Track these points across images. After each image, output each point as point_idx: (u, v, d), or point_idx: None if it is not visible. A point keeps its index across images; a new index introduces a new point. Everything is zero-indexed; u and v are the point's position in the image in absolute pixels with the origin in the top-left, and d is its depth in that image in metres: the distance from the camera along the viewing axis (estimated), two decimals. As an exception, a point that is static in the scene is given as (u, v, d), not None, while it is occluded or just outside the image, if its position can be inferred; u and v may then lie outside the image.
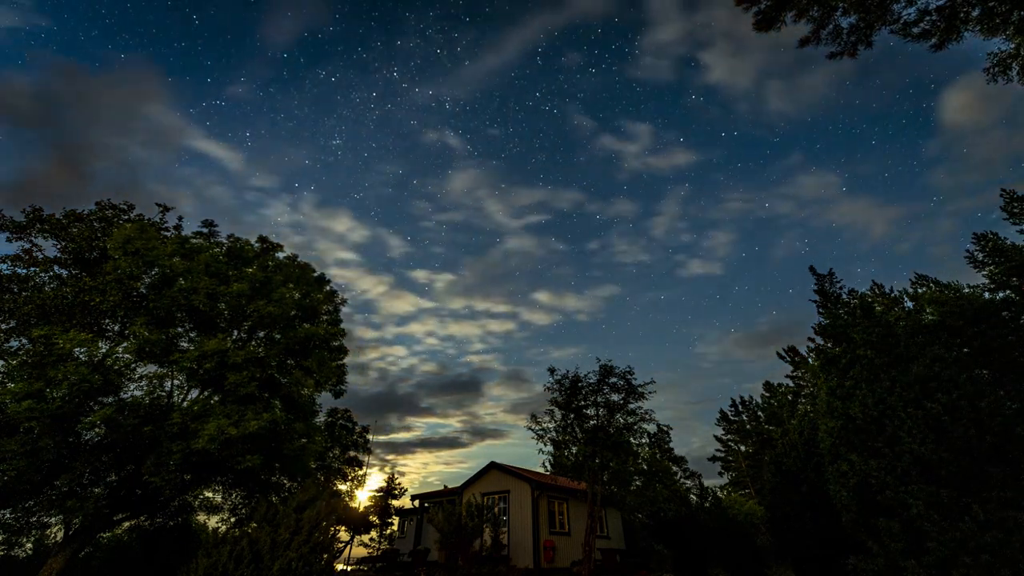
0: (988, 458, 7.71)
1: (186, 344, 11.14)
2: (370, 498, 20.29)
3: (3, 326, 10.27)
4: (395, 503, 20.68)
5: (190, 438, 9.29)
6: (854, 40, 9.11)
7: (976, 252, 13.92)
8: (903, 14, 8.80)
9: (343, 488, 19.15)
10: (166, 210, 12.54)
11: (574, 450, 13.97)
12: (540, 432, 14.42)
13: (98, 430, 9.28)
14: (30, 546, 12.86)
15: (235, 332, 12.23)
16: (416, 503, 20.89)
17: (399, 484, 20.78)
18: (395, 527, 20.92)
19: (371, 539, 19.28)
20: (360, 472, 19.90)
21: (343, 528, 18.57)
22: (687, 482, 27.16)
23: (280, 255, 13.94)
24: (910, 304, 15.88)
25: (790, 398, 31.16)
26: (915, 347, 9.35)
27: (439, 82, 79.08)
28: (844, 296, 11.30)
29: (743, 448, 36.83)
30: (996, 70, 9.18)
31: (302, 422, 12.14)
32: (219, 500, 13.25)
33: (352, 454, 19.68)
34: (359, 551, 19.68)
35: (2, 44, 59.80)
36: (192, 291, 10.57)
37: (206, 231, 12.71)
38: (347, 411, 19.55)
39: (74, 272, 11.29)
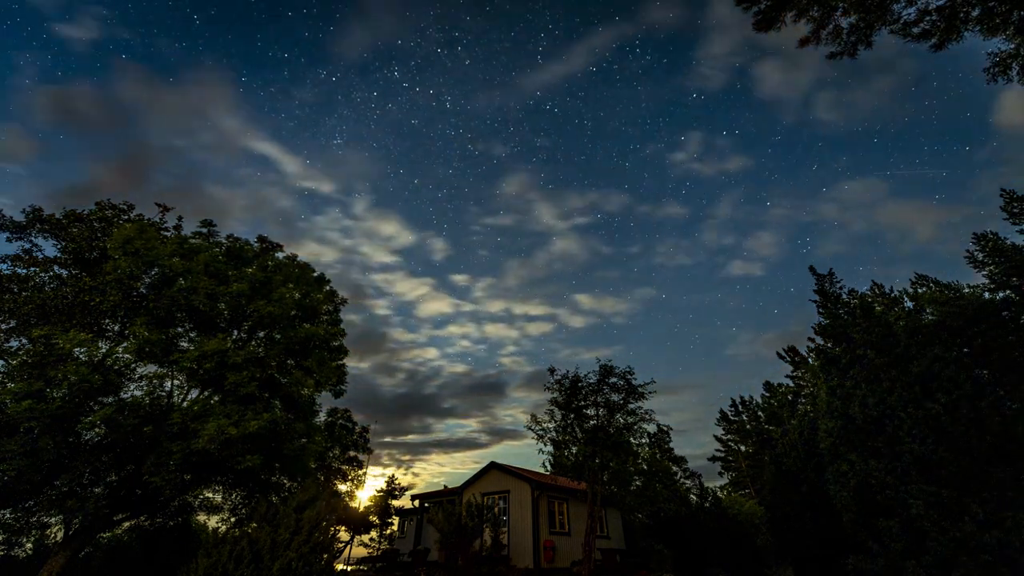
0: (988, 458, 7.71)
1: (186, 344, 11.14)
2: (371, 498, 20.30)
3: (3, 326, 10.27)
4: (395, 503, 20.68)
5: (190, 438, 9.29)
6: (854, 40, 9.11)
7: (976, 252, 13.91)
8: (903, 14, 8.81)
9: (343, 488, 19.15)
10: (166, 210, 12.54)
11: (574, 450, 13.97)
12: (540, 432, 14.43)
13: (98, 430, 9.28)
14: (30, 546, 12.85)
15: (235, 332, 12.23)
16: (416, 503, 20.89)
17: (399, 484, 20.78)
18: (395, 527, 20.92)
19: (371, 539, 19.27)
20: (360, 472, 19.91)
21: (343, 528, 18.57)
22: (687, 482, 27.16)
23: (280, 255, 13.94)
24: (910, 304, 15.89)
25: (790, 398, 31.17)
26: (915, 347, 9.35)
27: (497, 89, 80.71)
28: (844, 296, 11.31)
29: (743, 448, 36.84)
30: (996, 70, 9.18)
31: (302, 422, 12.14)
32: (219, 500, 13.25)
33: (352, 454, 19.68)
34: (359, 551, 19.70)
35: (81, 54, 62.10)
36: (192, 291, 10.57)
37: (205, 231, 12.71)
38: (347, 411, 19.54)
39: (74, 272, 11.29)
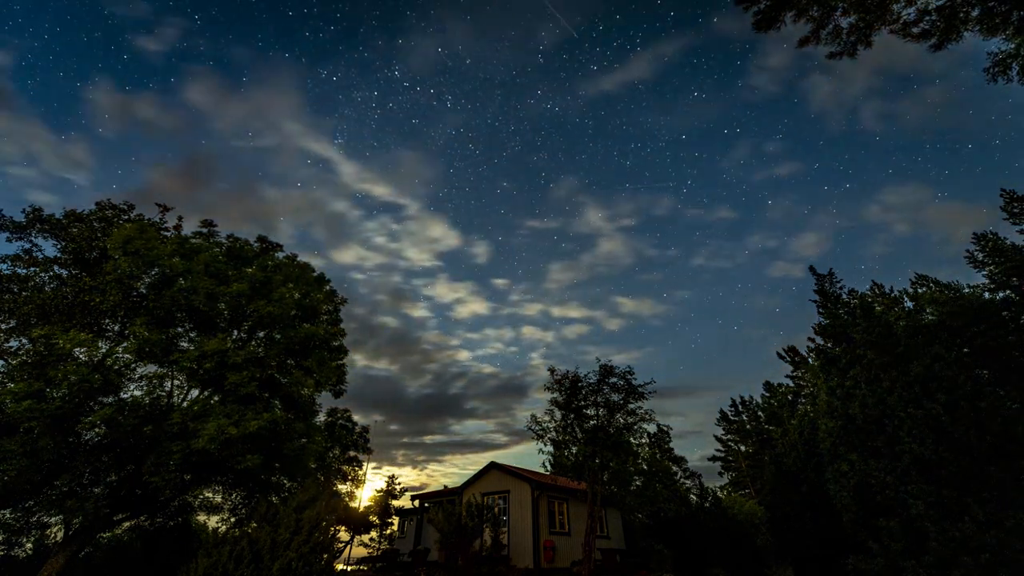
0: (988, 458, 7.71)
1: (186, 344, 11.14)
2: (371, 498, 20.31)
3: (3, 326, 10.28)
4: (395, 503, 20.68)
5: (190, 438, 9.29)
6: (854, 40, 9.11)
7: (976, 252, 13.90)
8: (903, 14, 8.81)
9: (343, 488, 19.15)
10: (166, 210, 12.55)
11: (574, 450, 13.97)
12: (540, 432, 14.43)
13: (98, 430, 9.29)
14: (30, 546, 12.85)
15: (235, 332, 12.24)
16: (416, 503, 20.89)
17: (399, 485, 20.77)
18: (395, 527, 20.91)
19: (371, 539, 19.26)
20: (360, 472, 19.91)
21: (343, 528, 18.56)
22: (687, 482, 27.15)
23: (280, 255, 13.94)
24: (910, 304, 15.88)
25: (790, 398, 31.17)
26: (915, 347, 9.35)
27: (556, 93, 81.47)
28: (844, 296, 11.31)
29: (743, 448, 36.83)
30: (996, 70, 9.18)
31: (302, 422, 12.14)
32: (219, 500, 13.26)
33: (352, 454, 19.68)
34: (359, 551, 19.69)
35: (153, 64, 64.03)
36: (192, 291, 10.57)
37: (205, 231, 12.71)
38: (347, 411, 19.53)
39: (74, 272, 11.30)
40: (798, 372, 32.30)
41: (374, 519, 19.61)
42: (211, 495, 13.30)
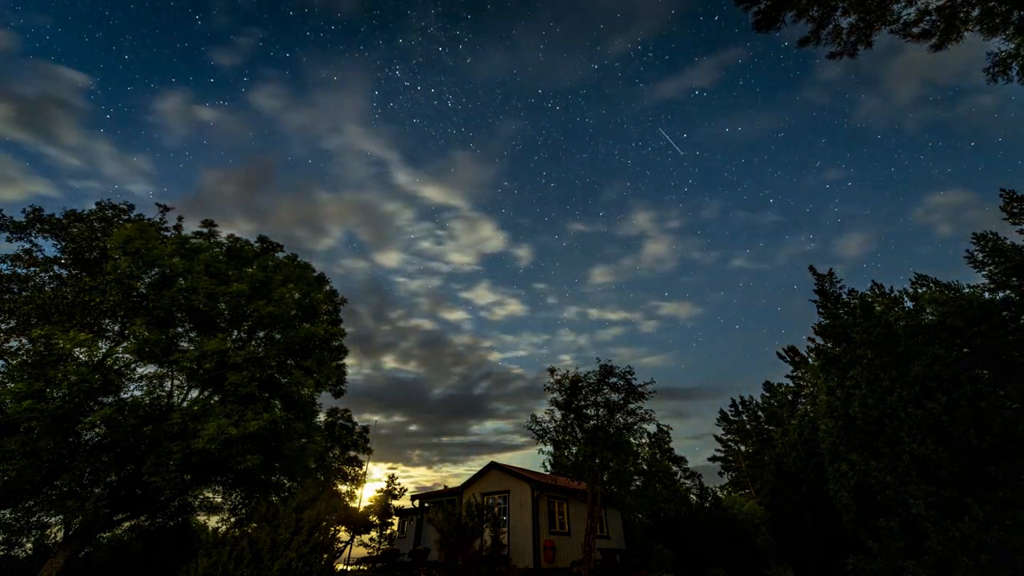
0: (988, 458, 7.71)
1: (186, 344, 11.14)
2: (371, 498, 20.31)
3: (3, 326, 10.28)
4: (395, 503, 20.67)
5: (190, 438, 9.29)
6: (854, 40, 9.12)
7: (976, 252, 13.91)
8: (903, 14, 8.82)
9: (343, 488, 19.15)
10: (166, 210, 12.55)
11: (574, 450, 13.97)
12: (540, 432, 14.43)
13: (98, 430, 9.28)
14: (30, 546, 12.85)
15: (235, 332, 12.23)
16: (416, 503, 20.89)
17: (399, 487, 20.76)
18: (395, 527, 20.91)
19: (371, 539, 19.25)
20: (360, 472, 19.90)
21: (343, 528, 18.56)
22: (687, 482, 27.15)
23: (280, 255, 13.94)
24: (910, 304, 15.88)
25: (790, 398, 31.16)
26: (915, 347, 9.35)
27: (612, 99, 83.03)
28: (844, 296, 11.31)
29: (743, 448, 36.83)
30: (996, 70, 9.18)
31: (302, 422, 12.14)
32: (219, 500, 13.25)
33: (352, 454, 19.67)
34: (359, 551, 19.68)
35: (222, 75, 67.27)
36: (192, 291, 10.57)
37: (206, 231, 12.71)
38: (347, 411, 19.53)
39: (74, 272, 11.30)
40: (798, 372, 32.30)
41: (374, 519, 19.61)
42: (211, 495, 13.29)
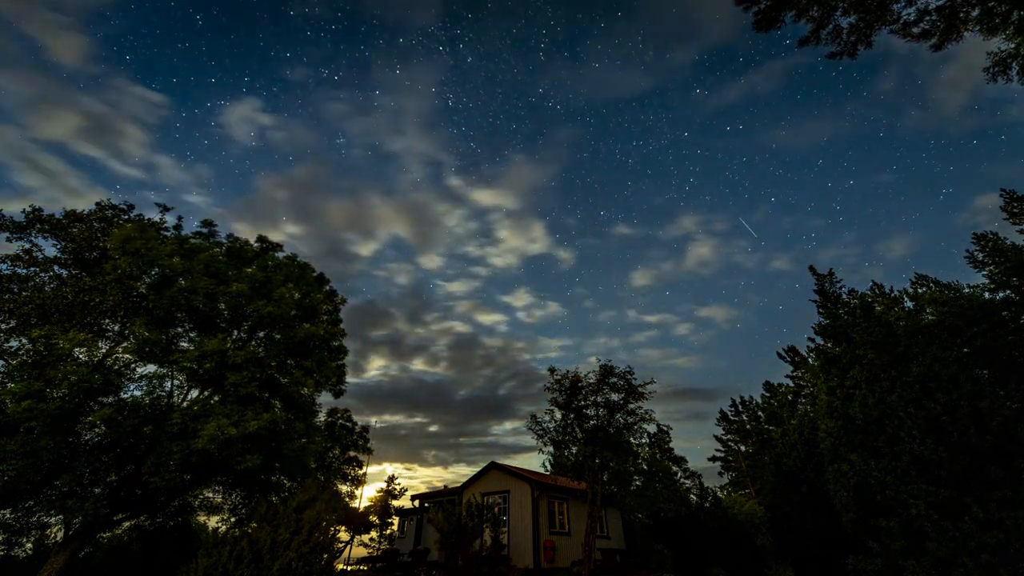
0: (988, 458, 7.71)
1: (186, 344, 11.14)
2: (371, 498, 20.32)
3: (3, 326, 10.28)
4: (395, 503, 20.68)
5: (190, 438, 9.29)
6: (854, 40, 9.11)
7: (976, 252, 13.90)
8: (903, 14, 8.81)
9: (343, 488, 19.14)
10: (166, 210, 12.55)
11: (574, 450, 13.97)
12: (540, 432, 14.43)
13: (98, 430, 9.28)
14: (30, 546, 12.86)
15: (235, 332, 12.23)
16: (416, 503, 20.89)
17: (400, 484, 20.77)
18: (395, 527, 20.91)
19: (371, 539, 19.25)
20: (360, 472, 19.90)
21: (343, 528, 18.56)
22: (687, 482, 27.16)
23: (280, 255, 13.94)
24: (910, 304, 15.87)
25: (790, 398, 31.16)
26: (915, 347, 9.35)
27: (667, 108, 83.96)
28: (844, 296, 11.31)
29: (743, 448, 36.83)
30: (996, 70, 9.18)
31: (302, 422, 12.14)
32: (219, 500, 13.24)
33: (352, 454, 19.67)
34: (359, 551, 19.68)
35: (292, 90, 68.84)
36: (192, 291, 10.56)
37: (206, 231, 12.72)
38: (347, 411, 19.51)
39: (74, 272, 11.29)
40: (798, 372, 32.30)
41: (374, 519, 19.61)
42: (211, 495, 13.29)
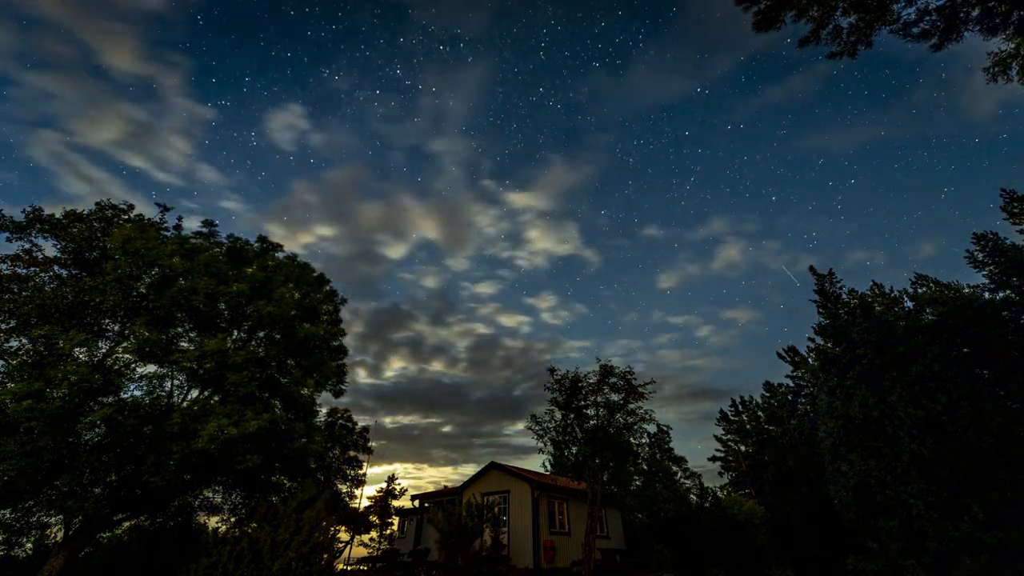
0: (988, 458, 7.71)
1: (186, 344, 11.13)
2: (370, 498, 20.32)
3: (3, 326, 10.27)
4: (395, 503, 20.68)
5: (190, 438, 9.28)
6: (854, 40, 9.12)
7: (976, 252, 13.90)
8: (903, 14, 8.82)
9: (343, 488, 19.13)
10: (166, 210, 12.55)
11: (574, 450, 13.97)
12: (540, 432, 14.43)
13: (98, 430, 9.28)
14: (30, 546, 12.83)
15: (235, 332, 12.23)
16: (416, 503, 20.89)
17: (400, 484, 20.78)
18: (395, 527, 20.91)
19: (371, 539, 19.26)
20: (360, 472, 19.90)
21: (343, 528, 18.56)
22: (687, 482, 27.16)
23: (280, 255, 13.93)
24: (910, 304, 15.88)
25: (790, 398, 31.15)
26: (915, 347, 9.36)
27: (713, 112, 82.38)
28: (844, 296, 11.31)
29: (743, 448, 36.82)
30: (996, 70, 9.18)
31: (302, 422, 12.13)
32: (219, 500, 13.23)
33: (352, 454, 19.67)
34: (359, 551, 19.69)
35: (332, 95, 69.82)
36: (192, 291, 10.56)
37: (206, 231, 12.71)
38: (347, 411, 19.50)
39: (74, 272, 11.29)
40: (798, 372, 32.28)
41: (374, 519, 19.61)
42: (211, 495, 13.28)
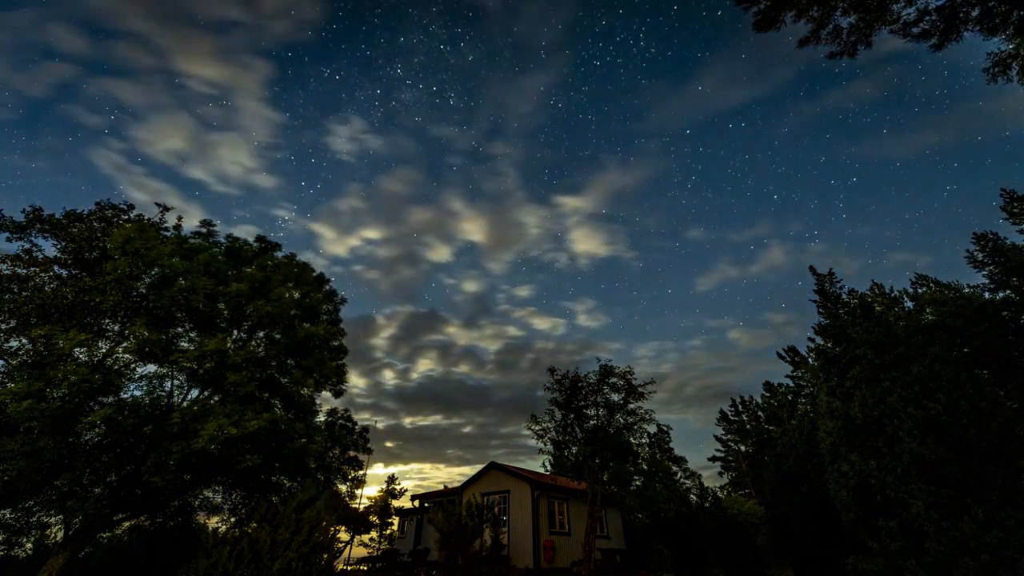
0: (988, 458, 7.71)
1: (186, 344, 11.14)
2: (370, 498, 20.34)
3: (3, 326, 10.27)
4: (395, 503, 20.69)
5: (190, 438, 9.28)
6: (854, 40, 9.11)
7: (976, 252, 13.90)
8: (903, 14, 8.81)
9: (343, 488, 19.15)
10: (165, 210, 12.54)
11: (574, 450, 13.97)
12: (540, 432, 14.43)
13: (98, 430, 9.28)
14: (30, 546, 12.84)
15: (235, 332, 12.23)
16: (416, 503, 20.91)
17: (400, 484, 20.79)
18: (395, 527, 20.91)
19: (371, 539, 19.27)
20: (360, 472, 19.92)
21: (343, 528, 18.57)
22: (687, 482, 27.16)
23: (279, 254, 13.93)
24: (910, 304, 15.88)
25: (790, 398, 31.15)
26: (915, 347, 9.35)
27: (767, 119, 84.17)
28: (844, 296, 11.31)
29: (743, 448, 36.82)
30: (996, 70, 9.18)
31: (302, 422, 12.14)
32: (219, 500, 13.23)
33: (352, 454, 19.67)
34: (359, 551, 19.70)
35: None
36: (192, 291, 10.56)
37: (205, 231, 12.71)
38: (347, 411, 19.49)
39: (74, 272, 11.29)
40: (798, 372, 32.28)
41: (374, 519, 19.62)
42: (211, 495, 13.28)
